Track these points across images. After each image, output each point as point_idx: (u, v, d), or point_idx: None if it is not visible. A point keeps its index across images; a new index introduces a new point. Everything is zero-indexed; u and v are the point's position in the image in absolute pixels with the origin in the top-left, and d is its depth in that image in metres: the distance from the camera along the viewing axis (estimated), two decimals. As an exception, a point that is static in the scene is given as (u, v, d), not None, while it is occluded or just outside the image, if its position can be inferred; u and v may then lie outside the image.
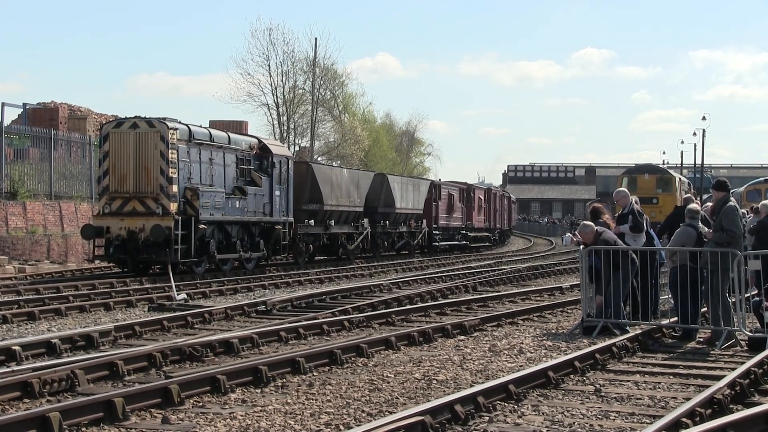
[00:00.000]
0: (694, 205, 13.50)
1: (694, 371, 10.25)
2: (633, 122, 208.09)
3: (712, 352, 11.69)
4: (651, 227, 15.22)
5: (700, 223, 13.07)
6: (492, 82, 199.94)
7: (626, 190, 15.73)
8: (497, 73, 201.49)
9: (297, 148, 56.58)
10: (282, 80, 56.80)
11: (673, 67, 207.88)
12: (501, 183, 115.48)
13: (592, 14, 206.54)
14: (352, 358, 10.81)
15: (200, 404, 8.37)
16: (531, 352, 11.49)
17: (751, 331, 12.03)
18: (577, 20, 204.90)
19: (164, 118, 23.38)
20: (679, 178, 43.72)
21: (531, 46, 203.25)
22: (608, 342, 11.32)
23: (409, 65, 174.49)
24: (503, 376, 9.33)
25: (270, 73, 56.14)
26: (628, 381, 9.64)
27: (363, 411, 8.08)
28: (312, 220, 30.44)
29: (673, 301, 13.58)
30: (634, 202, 14.74)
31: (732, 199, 12.77)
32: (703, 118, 65.71)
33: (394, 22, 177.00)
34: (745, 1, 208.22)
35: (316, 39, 55.07)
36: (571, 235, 15.77)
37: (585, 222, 13.85)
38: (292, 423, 7.64)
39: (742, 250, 12.44)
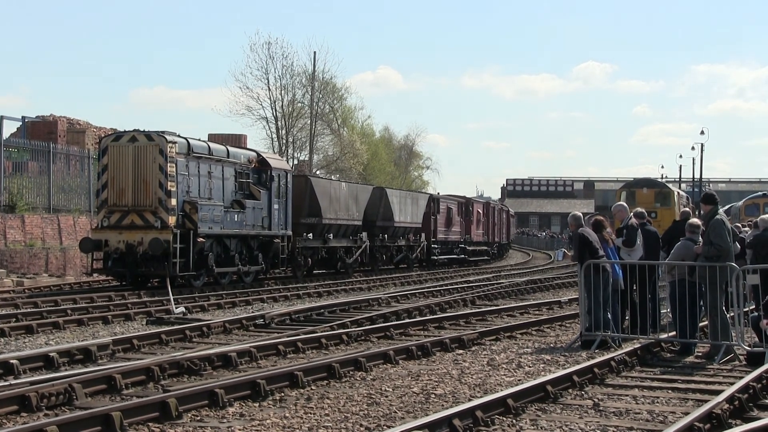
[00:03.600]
0: (695, 220, 13.50)
1: (692, 386, 10.24)
2: (634, 136, 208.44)
3: (710, 366, 11.67)
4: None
5: (700, 237, 13.08)
6: (493, 95, 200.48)
7: (624, 204, 15.72)
8: (499, 87, 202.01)
9: (296, 162, 56.60)
10: (281, 94, 56.89)
11: (675, 80, 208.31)
12: (500, 197, 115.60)
13: (594, 28, 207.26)
14: (351, 372, 10.80)
15: (198, 418, 8.36)
16: (529, 366, 11.48)
17: (749, 346, 12.03)
18: (579, 34, 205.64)
19: (163, 132, 23.41)
20: (678, 192, 43.70)
21: (533, 60, 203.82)
22: (607, 356, 11.32)
23: (411, 79, 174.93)
24: (502, 390, 9.32)
25: (269, 87, 56.22)
26: (627, 395, 9.63)
27: (361, 425, 8.07)
28: (311, 234, 30.44)
29: (671, 316, 13.58)
30: (633, 216, 14.76)
31: (720, 212, 12.77)
32: (702, 132, 65.99)
33: (395, 36, 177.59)
34: (747, 15, 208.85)
35: (315, 53, 55.31)
36: (564, 250, 15.89)
37: (575, 213, 14.07)
38: (290, 437, 7.63)
39: (734, 262, 12.41)
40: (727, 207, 46.76)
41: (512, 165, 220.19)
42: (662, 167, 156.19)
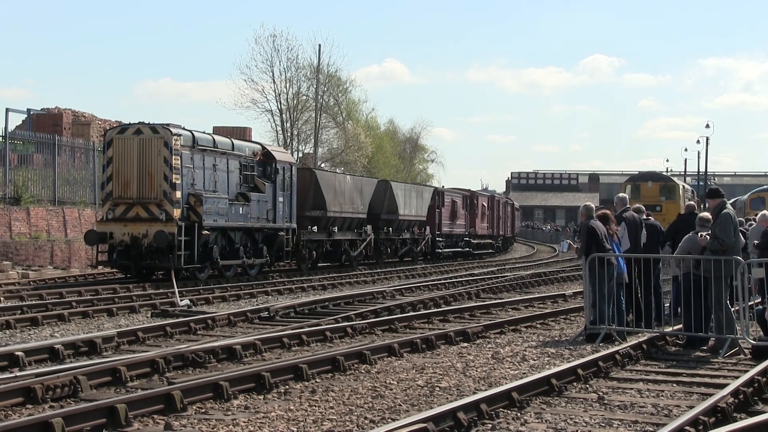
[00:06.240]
0: (706, 214, 13.45)
1: (697, 379, 10.23)
2: (640, 130, 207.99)
3: (715, 360, 11.66)
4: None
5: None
6: (499, 89, 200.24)
7: (623, 195, 15.65)
8: (505, 80, 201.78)
9: (300, 155, 56.61)
10: (285, 87, 56.81)
11: (682, 74, 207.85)
12: (504, 190, 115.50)
13: (601, 21, 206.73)
14: (355, 365, 10.80)
15: (203, 410, 8.37)
16: (534, 360, 11.48)
17: (754, 339, 12.02)
18: (586, 27, 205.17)
19: (168, 124, 23.41)
20: (683, 186, 43.64)
21: (539, 53, 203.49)
22: (611, 350, 11.31)
23: (417, 72, 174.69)
24: (506, 383, 9.32)
25: (274, 80, 56.13)
26: (632, 389, 9.62)
27: (366, 418, 8.07)
28: (315, 227, 30.46)
29: (669, 310, 13.55)
30: (632, 210, 14.74)
31: (728, 206, 12.73)
32: (707, 126, 65.95)
33: (401, 29, 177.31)
34: (756, 9, 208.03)
35: (319, 45, 55.26)
36: (569, 242, 15.79)
37: (587, 204, 13.99)
38: (295, 430, 7.63)
39: (740, 256, 12.38)
40: (732, 200, 46.70)
41: (517, 158, 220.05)
42: (667, 161, 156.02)
